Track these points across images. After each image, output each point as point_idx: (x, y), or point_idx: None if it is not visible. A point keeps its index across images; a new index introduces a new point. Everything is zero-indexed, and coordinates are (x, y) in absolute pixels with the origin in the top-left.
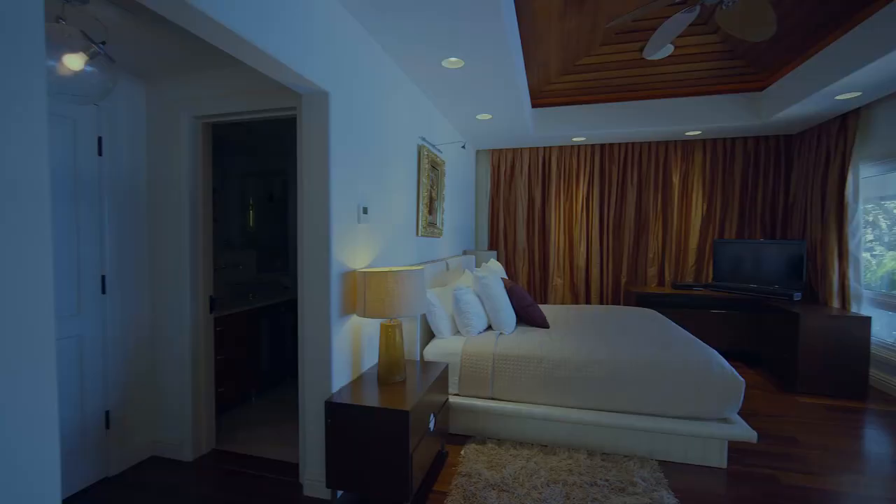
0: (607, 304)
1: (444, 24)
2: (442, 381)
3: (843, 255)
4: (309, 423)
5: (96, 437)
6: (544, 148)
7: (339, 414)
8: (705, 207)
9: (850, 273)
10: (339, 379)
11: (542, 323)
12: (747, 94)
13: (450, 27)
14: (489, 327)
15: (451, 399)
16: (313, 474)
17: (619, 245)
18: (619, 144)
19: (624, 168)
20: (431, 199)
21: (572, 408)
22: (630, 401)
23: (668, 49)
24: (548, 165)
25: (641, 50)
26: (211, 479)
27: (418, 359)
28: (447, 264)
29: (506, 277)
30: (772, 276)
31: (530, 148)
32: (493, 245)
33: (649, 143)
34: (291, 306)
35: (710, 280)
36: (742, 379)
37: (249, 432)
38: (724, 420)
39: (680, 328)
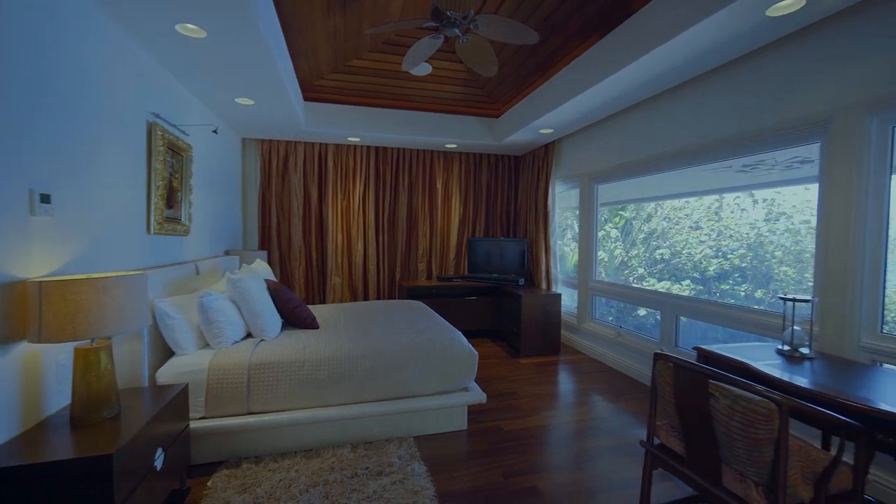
0: (384, 299)
1: None
2: (178, 406)
3: (547, 249)
4: None
5: None
6: (321, 144)
7: None
8: (462, 210)
9: (552, 262)
10: None
11: (311, 324)
12: (488, 118)
13: None
14: (249, 335)
15: (195, 424)
16: None
17: (393, 243)
18: (393, 149)
19: (397, 171)
20: (172, 190)
21: (336, 406)
22: (390, 387)
23: (427, 68)
24: (324, 162)
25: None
26: None
27: (146, 384)
28: (197, 267)
29: (272, 279)
30: (509, 267)
31: (305, 142)
32: (264, 245)
33: (418, 151)
34: None
35: (466, 272)
36: (476, 352)
37: None
38: (465, 389)
39: (436, 315)
